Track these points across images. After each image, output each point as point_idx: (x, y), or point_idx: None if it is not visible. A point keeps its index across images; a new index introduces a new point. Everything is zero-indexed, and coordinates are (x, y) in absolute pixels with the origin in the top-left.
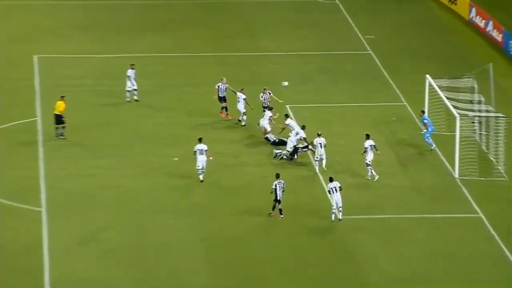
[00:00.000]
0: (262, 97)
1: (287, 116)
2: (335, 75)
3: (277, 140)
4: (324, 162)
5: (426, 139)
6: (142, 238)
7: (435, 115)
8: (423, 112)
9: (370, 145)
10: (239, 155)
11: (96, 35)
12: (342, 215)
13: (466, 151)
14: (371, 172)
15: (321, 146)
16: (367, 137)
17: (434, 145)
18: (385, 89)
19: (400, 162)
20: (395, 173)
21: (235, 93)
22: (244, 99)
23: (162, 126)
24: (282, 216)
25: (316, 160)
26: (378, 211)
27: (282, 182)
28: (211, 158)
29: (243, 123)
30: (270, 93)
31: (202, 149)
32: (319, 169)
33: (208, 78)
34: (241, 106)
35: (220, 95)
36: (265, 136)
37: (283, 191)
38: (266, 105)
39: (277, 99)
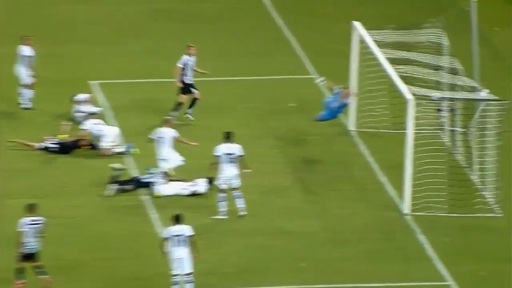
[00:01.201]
0: (185, 64)
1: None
2: (188, 21)
3: (56, 146)
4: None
5: (320, 118)
6: None
7: (369, 96)
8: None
9: (229, 154)
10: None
11: None
12: (193, 287)
13: (425, 165)
14: (239, 203)
15: None
16: (226, 138)
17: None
18: (279, 48)
19: (302, 186)
20: (294, 208)
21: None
22: (30, 57)
23: None
24: (47, 276)
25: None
26: (256, 279)
27: (41, 220)
28: None
29: (25, 104)
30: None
31: None
32: None
33: None
34: (22, 70)
35: None
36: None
37: (39, 236)
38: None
39: (201, 70)
